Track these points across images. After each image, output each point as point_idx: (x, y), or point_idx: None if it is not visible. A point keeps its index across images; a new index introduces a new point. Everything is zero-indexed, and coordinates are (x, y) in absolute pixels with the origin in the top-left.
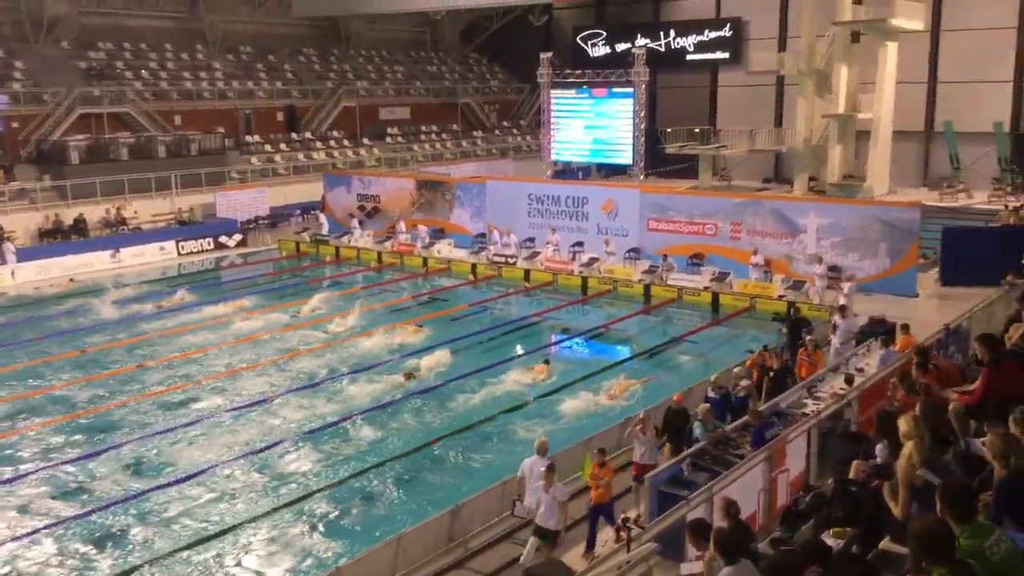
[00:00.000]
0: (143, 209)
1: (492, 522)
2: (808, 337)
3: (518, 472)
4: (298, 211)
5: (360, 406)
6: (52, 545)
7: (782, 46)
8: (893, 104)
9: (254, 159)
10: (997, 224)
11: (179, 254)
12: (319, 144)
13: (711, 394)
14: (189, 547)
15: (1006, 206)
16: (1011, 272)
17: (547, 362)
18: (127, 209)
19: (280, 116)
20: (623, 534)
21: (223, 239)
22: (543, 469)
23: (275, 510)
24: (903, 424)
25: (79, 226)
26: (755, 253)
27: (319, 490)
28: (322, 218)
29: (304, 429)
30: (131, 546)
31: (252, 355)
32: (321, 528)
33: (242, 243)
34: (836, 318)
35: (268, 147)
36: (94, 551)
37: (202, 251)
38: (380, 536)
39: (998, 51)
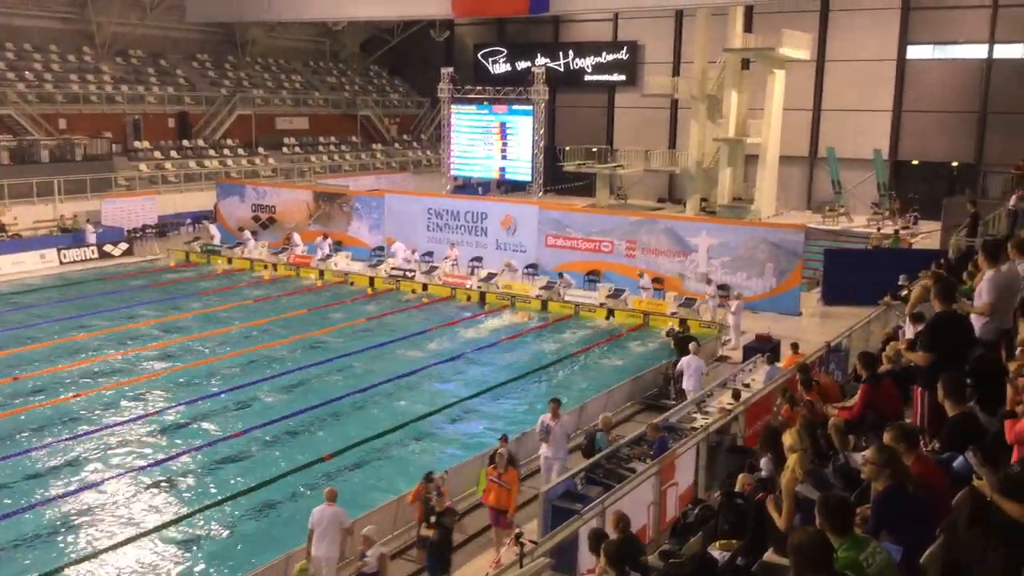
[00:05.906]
0: (23, 215)
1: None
2: (499, 450)
3: (678, 367)
4: (188, 220)
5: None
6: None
7: (676, 71)
8: (780, 130)
9: (143, 166)
10: (869, 246)
11: (61, 263)
12: (212, 152)
13: None
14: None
15: (878, 228)
16: (889, 294)
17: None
18: (6, 215)
19: (171, 123)
20: (517, 548)
21: (108, 248)
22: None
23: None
24: (787, 438)
25: None
26: (641, 276)
27: None
28: (213, 228)
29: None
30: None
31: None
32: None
33: (128, 252)
34: (546, 417)
35: (158, 154)
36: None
37: (86, 259)
38: None
39: (878, 82)
